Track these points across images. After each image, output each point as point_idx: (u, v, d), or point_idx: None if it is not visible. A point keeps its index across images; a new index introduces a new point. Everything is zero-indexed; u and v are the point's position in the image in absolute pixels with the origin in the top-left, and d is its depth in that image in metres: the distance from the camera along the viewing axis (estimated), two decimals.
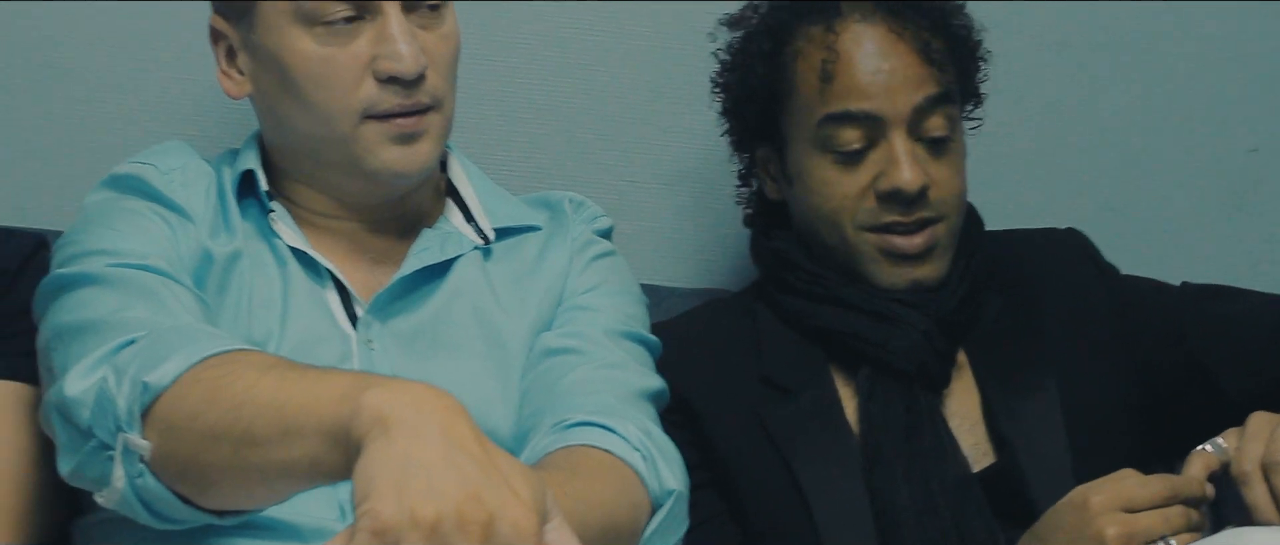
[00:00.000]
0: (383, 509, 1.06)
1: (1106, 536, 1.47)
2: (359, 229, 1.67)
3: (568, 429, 1.48)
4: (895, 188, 1.72)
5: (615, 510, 1.40)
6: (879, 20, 1.77)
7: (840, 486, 1.69)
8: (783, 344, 1.79)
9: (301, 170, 1.66)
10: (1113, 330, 1.82)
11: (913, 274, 1.76)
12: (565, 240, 1.73)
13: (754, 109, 1.83)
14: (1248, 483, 1.45)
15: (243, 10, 1.60)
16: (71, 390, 1.36)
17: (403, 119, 1.58)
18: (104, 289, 1.47)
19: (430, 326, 1.64)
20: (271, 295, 1.61)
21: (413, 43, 1.55)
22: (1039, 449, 1.70)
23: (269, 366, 1.30)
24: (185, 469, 1.30)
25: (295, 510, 1.42)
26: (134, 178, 1.62)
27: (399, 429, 1.12)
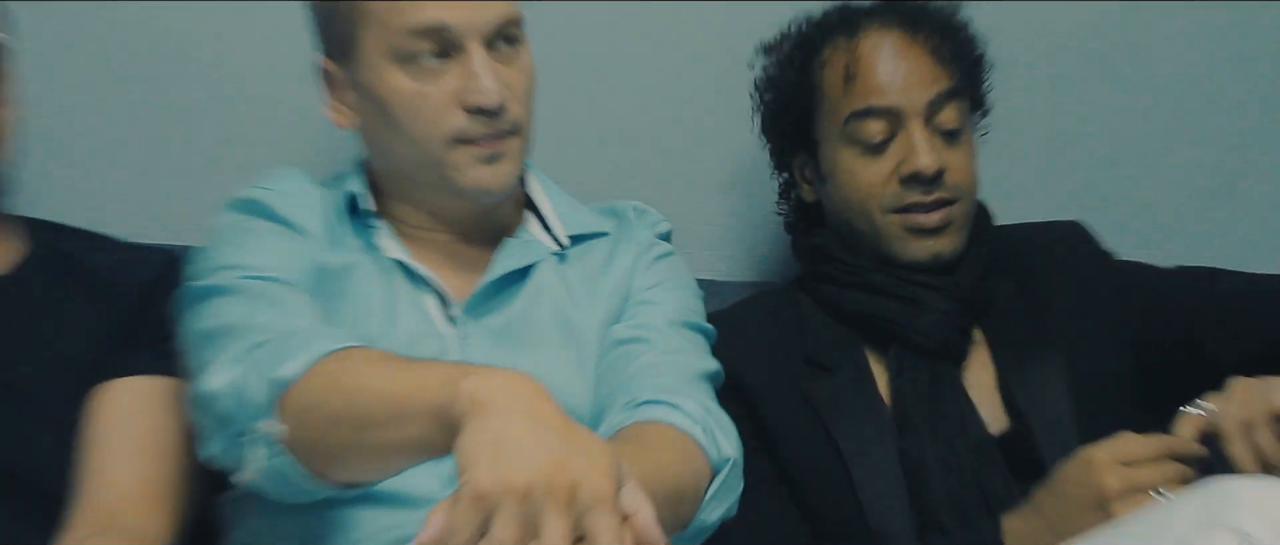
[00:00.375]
0: (481, 478, 1.10)
1: (1108, 489, 1.49)
2: (451, 240, 1.68)
3: (637, 407, 1.50)
4: (915, 171, 1.73)
5: (680, 476, 1.41)
6: (894, 27, 1.78)
7: (874, 450, 1.70)
8: (822, 328, 1.80)
9: (400, 190, 1.67)
10: (1112, 310, 1.82)
11: (933, 247, 1.76)
12: (630, 244, 1.75)
13: (789, 119, 1.85)
14: (1230, 440, 1.47)
15: (346, 52, 1.61)
16: (211, 386, 1.40)
17: (487, 143, 1.59)
18: (236, 298, 1.49)
19: (516, 323, 1.65)
20: (378, 301, 1.62)
21: (494, 77, 1.56)
22: (1048, 415, 1.71)
23: (380, 360, 1.35)
24: (313, 449, 1.34)
25: (405, 482, 1.44)
26: (255, 201, 1.63)
27: (493, 410, 1.15)
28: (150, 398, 1.65)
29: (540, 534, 1.10)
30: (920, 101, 1.75)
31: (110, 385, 1.64)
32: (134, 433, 1.62)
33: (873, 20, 1.80)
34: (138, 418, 1.63)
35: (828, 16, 1.84)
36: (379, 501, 1.49)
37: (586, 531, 1.12)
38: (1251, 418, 1.48)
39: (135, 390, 1.65)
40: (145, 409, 1.64)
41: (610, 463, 1.15)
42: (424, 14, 1.55)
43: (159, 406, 1.64)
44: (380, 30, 1.57)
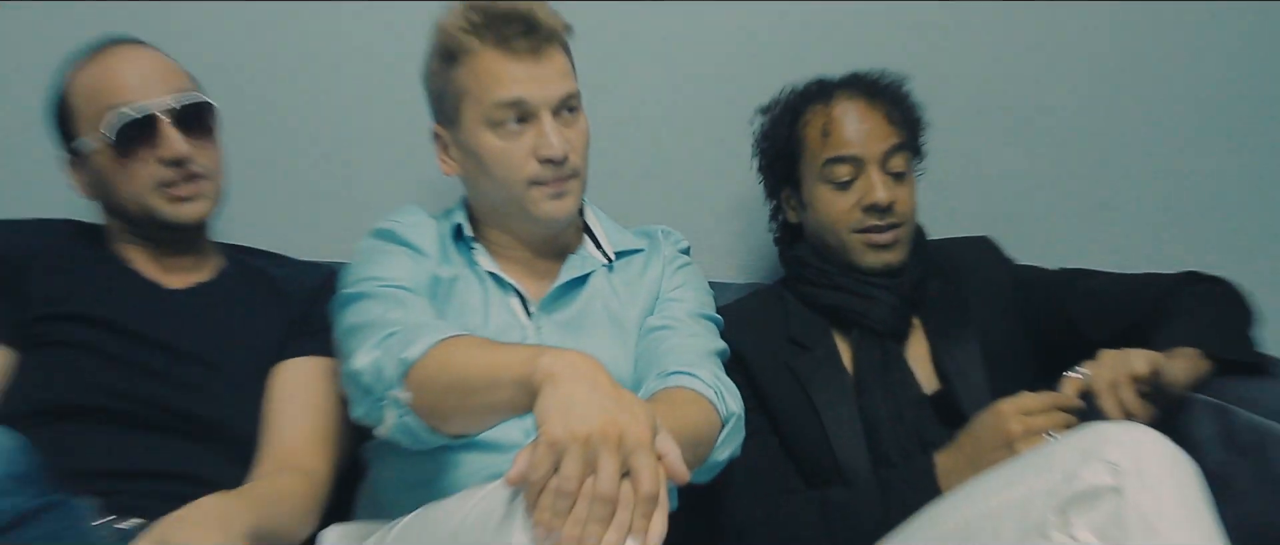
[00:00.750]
0: (554, 429, 1.15)
1: (1013, 432, 1.51)
2: (529, 256, 1.69)
3: (666, 376, 1.51)
4: (873, 203, 1.73)
5: (698, 426, 1.44)
6: (858, 96, 1.78)
7: (841, 407, 1.71)
8: (801, 316, 1.80)
9: (492, 220, 1.68)
10: (1013, 301, 1.82)
11: (885, 258, 1.76)
12: (660, 256, 1.75)
13: (779, 162, 1.85)
14: (1100, 396, 1.50)
15: (453, 121, 1.62)
16: (357, 365, 1.44)
17: (554, 184, 1.60)
18: (375, 301, 1.52)
19: (577, 317, 1.66)
20: (477, 302, 1.64)
21: (560, 136, 1.57)
22: (967, 379, 1.72)
23: (478, 344, 1.38)
24: (431, 411, 1.38)
25: (497, 433, 1.48)
26: (389, 231, 1.65)
27: (562, 379, 1.20)
28: (314, 372, 1.67)
29: (597, 470, 1.14)
30: (877, 152, 1.75)
31: (286, 363, 1.67)
32: (303, 397, 1.64)
33: (842, 90, 1.80)
34: (305, 387, 1.66)
35: (809, 87, 1.84)
36: (479, 447, 1.52)
37: (631, 468, 1.15)
38: (1115, 379, 1.51)
39: (304, 367, 1.67)
40: (311, 380, 1.66)
41: (648, 417, 1.19)
42: (509, 92, 1.56)
43: (321, 379, 1.66)
44: (476, 105, 1.58)
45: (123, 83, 1.60)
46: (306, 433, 1.61)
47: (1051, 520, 1.29)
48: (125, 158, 1.60)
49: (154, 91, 1.60)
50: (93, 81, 1.63)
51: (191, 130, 1.62)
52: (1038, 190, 2.20)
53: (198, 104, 1.64)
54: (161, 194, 1.62)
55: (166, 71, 1.64)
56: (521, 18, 1.57)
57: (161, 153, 1.59)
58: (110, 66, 1.63)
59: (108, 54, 1.64)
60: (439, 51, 1.63)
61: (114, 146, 1.59)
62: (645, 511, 1.14)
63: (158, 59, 1.66)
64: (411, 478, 1.57)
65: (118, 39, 1.67)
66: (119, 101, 1.59)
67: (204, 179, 1.64)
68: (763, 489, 1.68)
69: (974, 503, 1.39)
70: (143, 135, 1.59)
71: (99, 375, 1.56)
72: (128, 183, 1.62)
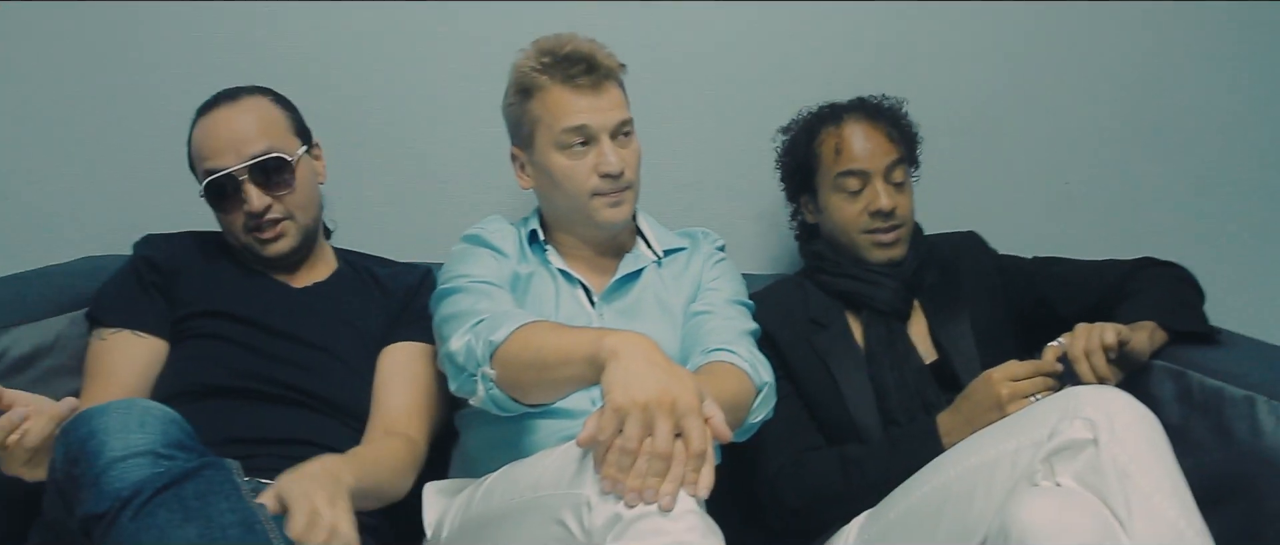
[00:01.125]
0: (617, 398, 1.15)
1: (1002, 396, 1.47)
2: (591, 255, 1.67)
3: (709, 352, 1.49)
4: (878, 209, 1.70)
5: (737, 394, 1.42)
6: (864, 119, 1.74)
7: (855, 376, 1.67)
8: (820, 300, 1.76)
9: (561, 226, 1.67)
10: (997, 285, 1.78)
11: (889, 254, 1.73)
12: (700, 253, 1.73)
13: (798, 174, 1.81)
14: (1077, 362, 1.46)
15: (528, 143, 1.61)
16: (453, 347, 1.43)
17: (612, 195, 1.58)
18: (465, 294, 1.51)
19: (632, 305, 1.65)
20: (550, 294, 1.63)
21: (617, 156, 1.56)
22: (961, 351, 1.68)
23: (553, 328, 1.37)
24: (514, 384, 1.37)
25: (569, 402, 1.45)
26: (476, 236, 1.64)
27: (624, 356, 1.20)
28: (414, 354, 1.65)
29: (654, 432, 1.14)
30: (880, 166, 1.72)
31: (390, 347, 1.66)
32: (404, 376, 1.63)
33: (850, 114, 1.77)
34: (406, 366, 1.64)
35: (821, 110, 1.81)
36: (555, 414, 1.50)
37: (683, 429, 1.15)
38: (1089, 347, 1.47)
39: (405, 350, 1.65)
40: (411, 361, 1.64)
41: (696, 386, 1.18)
42: (574, 120, 1.55)
43: (419, 360, 1.65)
44: (547, 131, 1.57)
45: (212, 146, 1.59)
46: (407, 405, 1.60)
47: (1039, 469, 1.27)
48: (218, 209, 1.62)
49: (234, 156, 1.57)
50: (197, 138, 1.63)
51: (270, 183, 1.60)
52: (1011, 190, 2.16)
53: (272, 161, 1.60)
54: (251, 236, 1.62)
55: (253, 131, 1.59)
56: (583, 58, 1.56)
57: (245, 208, 1.59)
58: (207, 127, 1.61)
59: (212, 113, 1.62)
60: (515, 87, 1.62)
61: (207, 200, 1.61)
62: (696, 466, 1.15)
63: (250, 116, 1.61)
64: (497, 440, 1.55)
65: (229, 93, 1.64)
66: (208, 163, 1.59)
67: (285, 220, 1.62)
68: (790, 446, 1.65)
69: (972, 456, 1.36)
70: (227, 191, 1.59)
71: (237, 361, 1.57)
72: (226, 225, 1.65)
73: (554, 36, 1.59)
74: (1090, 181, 2.16)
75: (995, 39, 2.12)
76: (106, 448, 1.08)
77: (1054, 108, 2.14)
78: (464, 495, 1.45)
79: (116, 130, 1.99)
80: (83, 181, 1.99)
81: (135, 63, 1.99)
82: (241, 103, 1.62)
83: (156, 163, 1.97)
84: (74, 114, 1.99)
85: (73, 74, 1.98)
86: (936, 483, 1.38)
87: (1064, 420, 1.26)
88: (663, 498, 1.12)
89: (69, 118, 1.99)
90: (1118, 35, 2.14)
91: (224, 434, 1.43)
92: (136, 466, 1.07)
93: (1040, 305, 1.76)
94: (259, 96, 1.65)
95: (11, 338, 1.53)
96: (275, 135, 1.62)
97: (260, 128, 1.60)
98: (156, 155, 1.96)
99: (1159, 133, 2.16)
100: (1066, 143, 2.15)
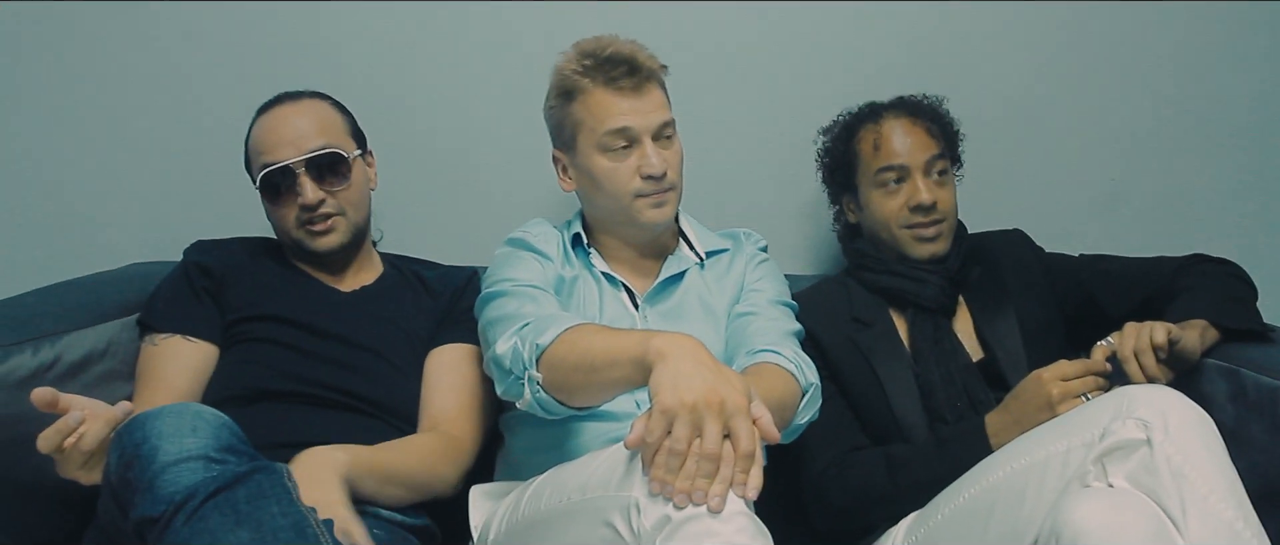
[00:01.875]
0: (665, 399, 1.14)
1: (1052, 396, 1.46)
2: (634, 257, 1.67)
3: (755, 353, 1.49)
4: (918, 203, 1.69)
5: (784, 395, 1.41)
6: (903, 115, 1.74)
7: (900, 374, 1.66)
8: (862, 299, 1.75)
9: (604, 228, 1.66)
10: (1043, 283, 1.76)
11: (931, 249, 1.71)
12: (743, 254, 1.72)
13: (840, 173, 1.80)
14: (1127, 363, 1.45)
15: (570, 146, 1.60)
16: (499, 351, 1.43)
17: (655, 196, 1.58)
18: (511, 298, 1.51)
19: (676, 307, 1.64)
20: (594, 297, 1.63)
21: (659, 157, 1.56)
22: (1007, 349, 1.67)
23: (599, 330, 1.36)
24: (560, 387, 1.36)
25: (615, 405, 1.45)
26: (520, 240, 1.64)
27: (671, 357, 1.18)
28: (460, 355, 1.66)
29: (703, 433, 1.13)
30: (920, 161, 1.71)
31: (437, 349, 1.67)
32: (450, 376, 1.64)
33: (889, 111, 1.77)
34: (453, 367, 1.65)
35: (861, 110, 1.81)
36: (600, 417, 1.50)
37: (731, 430, 1.14)
38: (1139, 346, 1.45)
39: (452, 351, 1.67)
40: (457, 362, 1.65)
41: (744, 387, 1.17)
42: (616, 122, 1.55)
43: (465, 360, 1.66)
44: (590, 133, 1.57)
45: (271, 141, 1.63)
46: (453, 403, 1.61)
47: (1090, 470, 1.25)
48: (272, 203, 1.66)
49: (293, 149, 1.62)
50: (256, 135, 1.67)
51: (325, 178, 1.64)
52: (1057, 188, 2.13)
53: (329, 156, 1.64)
54: (303, 230, 1.65)
55: (312, 129, 1.64)
56: (625, 60, 1.56)
57: (300, 200, 1.62)
58: (267, 124, 1.66)
59: (273, 110, 1.67)
60: (557, 90, 1.61)
61: (262, 193, 1.65)
62: (744, 467, 1.14)
63: (309, 115, 1.66)
64: (542, 443, 1.55)
65: (290, 94, 1.69)
66: (266, 157, 1.63)
67: (337, 216, 1.66)
68: (835, 446, 1.64)
69: (1022, 456, 1.35)
70: (284, 184, 1.63)
71: (287, 365, 1.59)
72: (278, 220, 1.68)
73: (595, 39, 1.59)
74: (1137, 178, 2.13)
75: (1040, 35, 2.10)
76: (160, 452, 1.09)
77: (1100, 104, 2.12)
78: (511, 498, 1.44)
79: (165, 137, 2.01)
80: (132, 188, 2.02)
81: (183, 71, 2.01)
82: (302, 103, 1.67)
83: (205, 169, 1.99)
84: (123, 122, 2.01)
85: (121, 82, 2.01)
86: (986, 483, 1.37)
87: (1116, 420, 1.24)
88: (712, 499, 1.12)
89: (118, 126, 2.01)
90: (1163, 29, 2.11)
91: (274, 438, 1.44)
92: (190, 471, 1.09)
93: (1088, 303, 1.74)
94: (318, 99, 1.70)
95: (65, 344, 1.55)
96: (333, 134, 1.66)
97: (319, 126, 1.65)
98: (205, 162, 1.99)
99: (1206, 128, 2.13)
100: (1112, 139, 2.13)
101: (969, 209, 1.81)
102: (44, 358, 1.51)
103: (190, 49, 2.01)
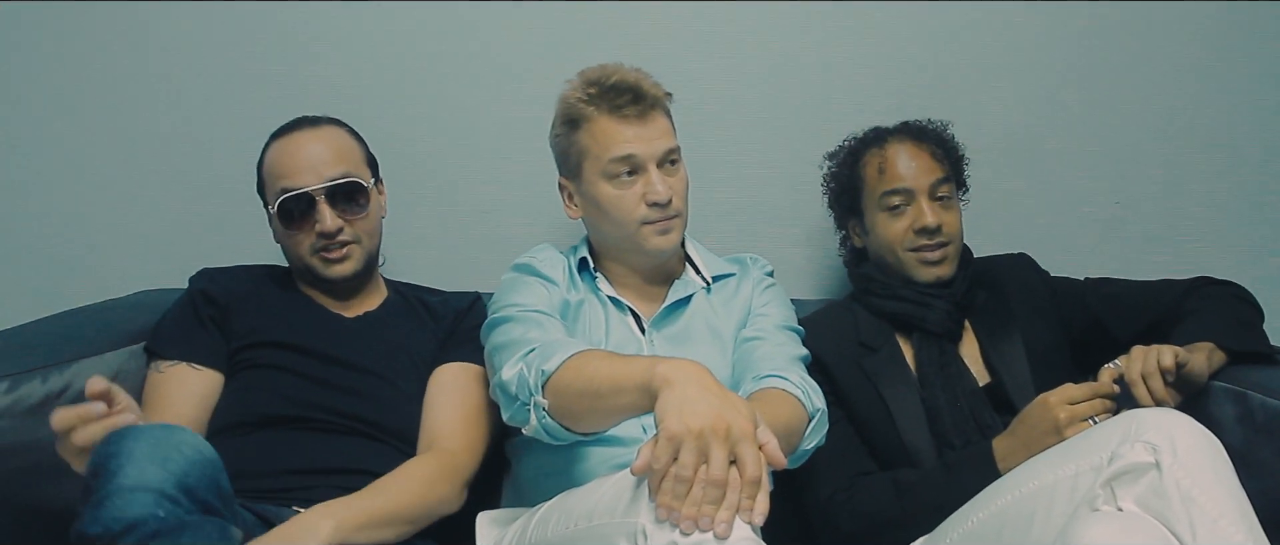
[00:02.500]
0: (672, 425, 1.13)
1: (1060, 419, 1.46)
2: (640, 282, 1.67)
3: (761, 378, 1.48)
4: (923, 226, 1.69)
5: (790, 420, 1.40)
6: (908, 140, 1.75)
7: (906, 399, 1.65)
8: (868, 324, 1.74)
9: (610, 254, 1.67)
10: (1049, 307, 1.76)
11: (936, 272, 1.71)
12: (749, 279, 1.72)
13: (846, 197, 1.80)
14: (1135, 386, 1.46)
15: (576, 174, 1.61)
16: (505, 377, 1.43)
17: (661, 223, 1.58)
18: (516, 324, 1.51)
19: (682, 332, 1.64)
20: (600, 322, 1.63)
21: (665, 184, 1.56)
22: (1014, 373, 1.67)
23: (604, 356, 1.35)
24: (566, 413, 1.35)
25: (620, 430, 1.46)
26: (526, 265, 1.64)
27: (677, 383, 1.18)
28: (460, 373, 1.65)
29: (709, 459, 1.12)
30: (925, 184, 1.72)
31: (439, 368, 1.66)
32: (450, 393, 1.63)
33: (894, 136, 1.77)
34: (452, 384, 1.64)
35: (866, 134, 1.81)
36: (607, 442, 1.50)
37: (737, 457, 1.14)
38: (1146, 370, 1.46)
39: (453, 369, 1.66)
40: (457, 379, 1.65)
41: (750, 413, 1.17)
42: (621, 150, 1.55)
43: (464, 377, 1.65)
44: (595, 161, 1.57)
45: (290, 165, 1.63)
46: (452, 418, 1.60)
47: (1099, 493, 1.24)
48: (287, 228, 1.65)
49: (314, 176, 1.62)
50: (272, 159, 1.67)
51: (343, 206, 1.65)
52: (1061, 212, 2.13)
53: (348, 184, 1.65)
54: (317, 257, 1.66)
55: (332, 156, 1.65)
56: (630, 88, 1.56)
57: (316, 227, 1.63)
58: (286, 148, 1.66)
59: (291, 135, 1.67)
60: (562, 118, 1.62)
61: (279, 218, 1.65)
62: (751, 493, 1.13)
63: (328, 142, 1.66)
64: (549, 469, 1.56)
65: (309, 119, 1.70)
66: (285, 182, 1.63)
67: (353, 244, 1.66)
68: (842, 471, 1.64)
69: (1030, 480, 1.34)
70: (300, 210, 1.63)
71: (292, 390, 1.59)
72: (291, 245, 1.68)
73: (600, 67, 1.60)
74: (1142, 201, 2.13)
75: (1042, 60, 2.11)
76: (121, 473, 1.06)
77: (1103, 127, 2.12)
78: (518, 524, 1.44)
79: (171, 166, 2.03)
80: (141, 216, 2.03)
81: (188, 101, 2.03)
82: (321, 129, 1.68)
83: (214, 196, 2.01)
84: (132, 150, 2.03)
85: (128, 113, 2.03)
86: (994, 508, 1.37)
87: (1125, 444, 1.24)
88: (718, 525, 1.11)
89: (127, 153, 2.03)
90: (1167, 52, 2.11)
91: (281, 464, 1.44)
92: (138, 502, 1.05)
93: (1094, 327, 1.74)
94: (337, 126, 1.71)
95: (73, 372, 1.55)
96: (351, 162, 1.68)
97: (338, 154, 1.66)
98: (214, 189, 2.01)
99: (1211, 150, 2.13)
100: (1117, 162, 2.13)
101: (973, 233, 1.81)
102: (53, 386, 1.52)
103: (198, 77, 2.03)
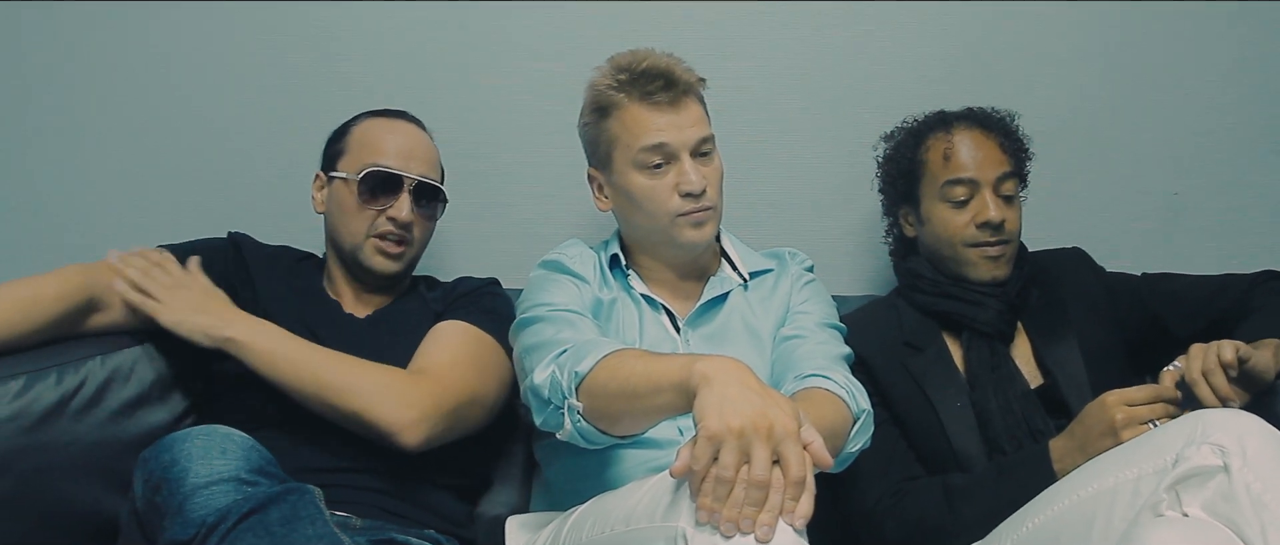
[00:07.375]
0: (712, 425, 1.12)
1: (1118, 422, 1.44)
2: (675, 278, 1.67)
3: (803, 378, 1.47)
4: (987, 220, 1.68)
5: (835, 421, 1.39)
6: (975, 127, 1.74)
7: (955, 401, 1.65)
8: (914, 322, 1.74)
9: (642, 248, 1.66)
10: (1105, 304, 1.75)
11: (994, 271, 1.71)
12: (788, 275, 1.72)
13: (900, 182, 1.79)
14: (1196, 386, 1.44)
15: (606, 165, 1.61)
16: (536, 380, 1.42)
17: (695, 214, 1.57)
18: (547, 324, 1.50)
19: (718, 330, 1.64)
20: (633, 320, 1.63)
21: (698, 173, 1.55)
22: (1068, 374, 1.65)
23: (640, 355, 1.34)
24: (601, 415, 1.35)
25: (657, 432, 1.45)
26: (555, 262, 1.65)
27: (717, 381, 1.17)
28: (453, 327, 1.65)
29: (751, 459, 1.11)
30: (991, 176, 1.71)
31: (434, 326, 1.66)
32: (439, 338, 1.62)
33: (961, 122, 1.76)
34: (444, 332, 1.63)
35: (930, 117, 1.79)
36: (642, 445, 1.49)
37: (780, 456, 1.13)
38: (1208, 368, 1.44)
39: (447, 324, 1.65)
40: (450, 331, 1.64)
41: (794, 411, 1.15)
42: (654, 138, 1.55)
43: (458, 330, 1.64)
44: (626, 150, 1.57)
45: (389, 145, 1.69)
46: (437, 356, 1.60)
47: (1163, 498, 1.22)
48: (362, 203, 1.67)
49: (414, 164, 1.69)
50: (368, 134, 1.72)
51: (422, 205, 1.71)
52: (1117, 204, 2.12)
53: (433, 187, 1.72)
54: (372, 243, 1.68)
55: (425, 156, 1.72)
56: (661, 74, 1.56)
57: (391, 212, 1.67)
58: (385, 128, 1.72)
59: (392, 120, 1.74)
60: (592, 106, 1.62)
61: (358, 190, 1.67)
62: (794, 494, 1.12)
63: (423, 142, 1.74)
64: (580, 472, 1.55)
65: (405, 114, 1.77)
66: (380, 159, 1.68)
67: (409, 246, 1.71)
68: (888, 476, 1.63)
69: (1089, 483, 1.33)
70: (384, 191, 1.67)
71: None
72: (351, 223, 1.69)
73: (630, 52, 1.60)
74: (1200, 191, 2.11)
75: (1096, 46, 2.09)
76: (191, 474, 1.12)
77: (1160, 114, 2.11)
78: (550, 529, 1.44)
79: (188, 167, 2.06)
80: (155, 214, 2.06)
81: (207, 100, 2.05)
82: (415, 129, 1.76)
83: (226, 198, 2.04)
84: (147, 149, 2.06)
85: (144, 112, 2.05)
86: (1051, 513, 1.35)
87: (1190, 446, 1.22)
88: (761, 528, 1.10)
89: (140, 154, 2.06)
90: (1225, 39, 2.09)
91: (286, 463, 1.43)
92: (221, 492, 1.11)
93: (1152, 325, 1.73)
94: (424, 131, 1.78)
95: (87, 371, 1.57)
96: (437, 170, 1.76)
97: (431, 155, 1.75)
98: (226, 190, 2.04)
99: (1272, 137, 2.11)
100: (1175, 152, 2.11)
101: (1026, 226, 1.80)
102: (68, 385, 1.53)
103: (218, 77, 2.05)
